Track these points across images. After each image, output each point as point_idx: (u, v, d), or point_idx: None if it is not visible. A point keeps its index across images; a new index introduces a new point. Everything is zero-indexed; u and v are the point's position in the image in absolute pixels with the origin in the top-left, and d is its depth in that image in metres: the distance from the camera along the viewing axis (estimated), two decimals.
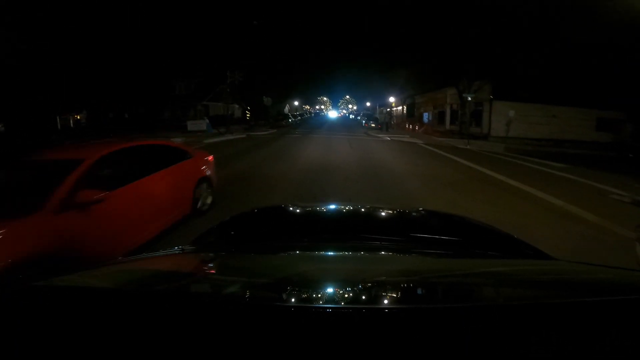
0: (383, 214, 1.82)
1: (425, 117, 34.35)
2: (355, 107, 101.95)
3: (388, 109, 52.57)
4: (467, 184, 7.38)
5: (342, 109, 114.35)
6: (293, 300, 0.72)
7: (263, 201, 5.44)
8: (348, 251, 1.21)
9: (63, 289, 0.77)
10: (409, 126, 28.29)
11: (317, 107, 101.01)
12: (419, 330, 0.54)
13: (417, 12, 25.02)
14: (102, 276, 0.96)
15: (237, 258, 1.17)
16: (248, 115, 34.51)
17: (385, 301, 0.73)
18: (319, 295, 0.76)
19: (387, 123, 23.47)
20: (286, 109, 55.11)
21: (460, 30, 20.71)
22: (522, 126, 21.88)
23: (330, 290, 0.79)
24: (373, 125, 28.37)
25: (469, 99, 17.81)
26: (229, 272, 1.04)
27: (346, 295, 0.75)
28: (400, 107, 49.45)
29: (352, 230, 1.42)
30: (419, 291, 0.84)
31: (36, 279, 0.84)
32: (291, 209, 1.84)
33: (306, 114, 49.16)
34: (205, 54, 32.36)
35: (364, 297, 0.77)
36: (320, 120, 46.37)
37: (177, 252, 1.23)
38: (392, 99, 32.72)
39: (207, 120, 23.08)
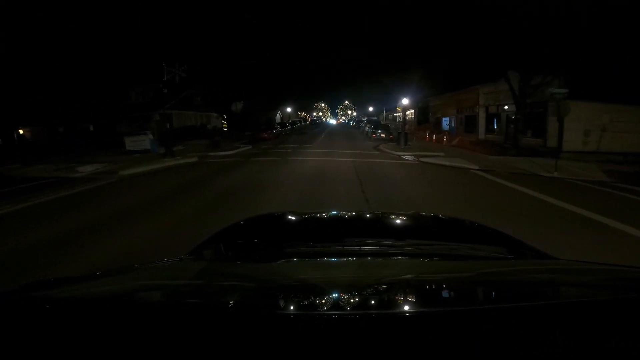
0: (383, 219, 1.82)
1: (445, 123, 27.62)
2: (355, 113, 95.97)
3: (398, 114, 45.74)
4: None
5: (341, 115, 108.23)
6: (295, 307, 0.68)
7: None
8: (350, 257, 1.18)
9: (59, 300, 0.74)
10: (429, 136, 21.45)
11: (314, 114, 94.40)
12: (428, 335, 0.53)
13: None
14: (100, 287, 0.92)
15: (236, 266, 1.13)
16: (225, 125, 27.75)
17: (393, 306, 0.71)
18: (323, 302, 0.72)
19: (404, 134, 16.64)
20: (277, 117, 48.51)
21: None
22: (600, 135, 15.13)
23: (334, 296, 0.76)
24: (383, 135, 21.52)
25: (555, 94, 10.93)
26: (228, 280, 0.98)
27: (351, 301, 0.72)
28: (408, 112, 42.74)
29: (353, 235, 1.35)
30: (425, 295, 0.81)
31: (33, 290, 0.80)
32: (290, 216, 1.79)
33: (300, 122, 42.30)
34: (168, 51, 25.76)
35: (371, 303, 0.74)
36: (315, 130, 39.45)
37: (175, 261, 1.21)
38: (405, 101, 25.90)
39: (151, 136, 16.24)
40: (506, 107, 18.26)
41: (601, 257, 3.85)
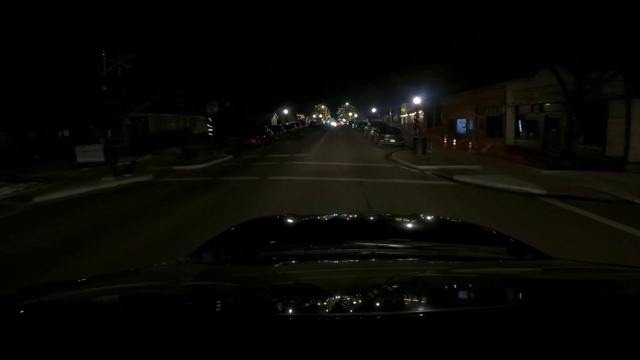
0: (383, 220, 1.79)
1: (461, 125, 24.31)
2: (356, 115, 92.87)
3: (404, 115, 42.32)
4: None
5: (342, 117, 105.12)
6: (295, 310, 0.67)
7: None
8: (349, 259, 1.16)
9: (50, 305, 0.74)
10: (448, 141, 18.07)
11: (314, 115, 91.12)
12: (429, 336, 0.52)
13: None
14: (96, 291, 0.89)
15: (234, 269, 1.12)
16: (210, 130, 24.44)
17: (392, 308, 0.69)
18: (323, 304, 0.70)
19: (423, 140, 13.26)
20: (274, 119, 45.25)
21: None
22: None
23: (333, 298, 0.73)
24: (393, 141, 18.17)
25: None
26: (227, 283, 0.94)
27: (353, 303, 0.71)
28: (415, 113, 39.28)
29: (352, 237, 1.36)
30: (424, 296, 0.78)
31: (29, 294, 0.78)
32: (290, 219, 1.77)
33: (297, 124, 38.74)
34: (144, 45, 22.48)
35: (370, 304, 0.71)
36: (314, 133, 36.02)
37: (174, 265, 1.20)
38: (417, 100, 22.49)
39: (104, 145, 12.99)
40: (545, 107, 14.93)
41: None
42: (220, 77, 27.73)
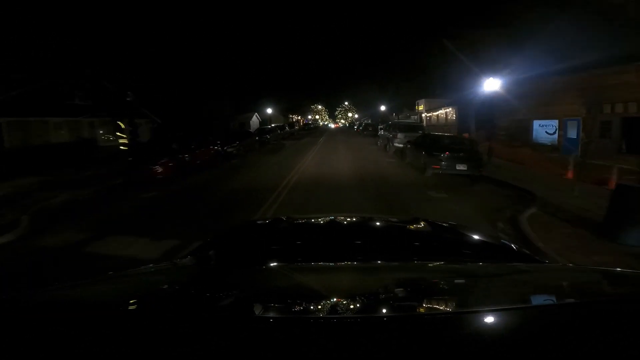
0: (381, 224, 1.82)
1: (544, 129, 14.69)
2: (356, 115, 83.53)
3: (427, 115, 31.95)
4: None
5: (341, 118, 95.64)
6: (287, 312, 0.67)
7: None
8: (347, 262, 1.15)
9: (45, 306, 0.74)
10: (581, 169, 8.46)
11: (309, 116, 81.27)
12: (431, 338, 0.53)
13: None
14: (89, 292, 0.89)
15: (229, 270, 1.10)
16: (122, 141, 14.75)
17: (393, 310, 0.70)
18: (318, 307, 0.70)
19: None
20: (254, 120, 35.60)
21: None
22: None
23: (331, 300, 0.74)
24: (463, 168, 8.56)
25: None
26: (220, 285, 0.95)
27: (352, 306, 0.71)
28: (438, 112, 29.87)
29: (350, 241, 1.39)
30: (423, 299, 0.80)
31: (23, 296, 0.79)
32: (288, 221, 1.79)
33: (283, 127, 28.44)
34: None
35: (362, 307, 0.73)
36: (304, 140, 26.00)
37: (168, 266, 1.21)
38: (493, 84, 12.73)
39: None
40: None
41: None
42: (159, 65, 18.24)
